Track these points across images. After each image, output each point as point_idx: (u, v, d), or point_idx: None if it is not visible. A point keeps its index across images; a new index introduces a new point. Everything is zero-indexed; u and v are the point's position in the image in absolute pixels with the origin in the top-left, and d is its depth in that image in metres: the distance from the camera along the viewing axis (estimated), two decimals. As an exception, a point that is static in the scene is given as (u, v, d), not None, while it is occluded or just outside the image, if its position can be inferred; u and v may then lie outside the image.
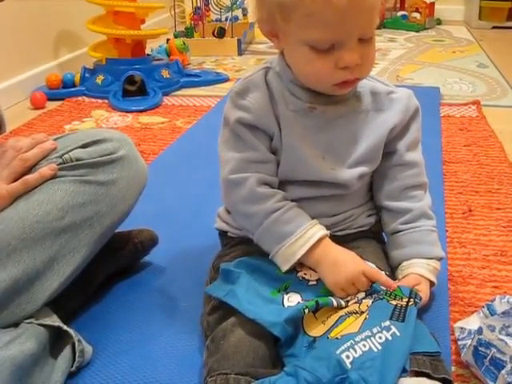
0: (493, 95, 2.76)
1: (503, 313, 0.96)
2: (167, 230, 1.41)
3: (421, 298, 1.00)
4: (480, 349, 0.95)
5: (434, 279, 1.12)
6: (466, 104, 2.57)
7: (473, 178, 1.81)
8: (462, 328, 1.06)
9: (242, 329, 0.94)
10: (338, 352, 0.87)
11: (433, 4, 4.44)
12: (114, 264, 1.26)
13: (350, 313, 0.96)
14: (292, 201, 1.09)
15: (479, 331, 0.96)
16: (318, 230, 1.05)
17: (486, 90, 2.85)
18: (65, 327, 1.03)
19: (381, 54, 3.61)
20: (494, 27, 4.45)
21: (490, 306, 1.03)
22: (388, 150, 1.14)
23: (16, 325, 1.01)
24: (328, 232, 1.06)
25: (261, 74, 1.10)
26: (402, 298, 0.98)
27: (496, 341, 0.93)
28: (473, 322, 1.05)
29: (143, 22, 2.92)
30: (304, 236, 1.04)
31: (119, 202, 1.12)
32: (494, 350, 0.93)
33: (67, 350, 1.02)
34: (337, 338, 0.91)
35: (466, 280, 1.28)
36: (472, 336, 1.00)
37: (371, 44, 1.01)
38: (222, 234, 1.22)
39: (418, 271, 1.10)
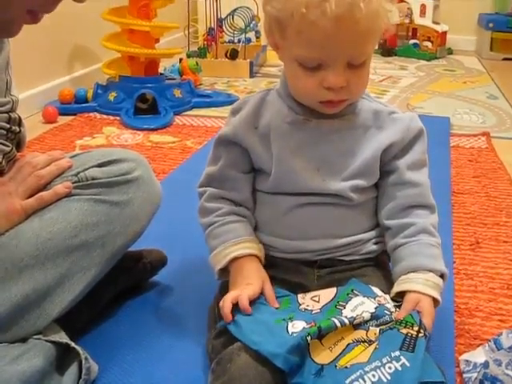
0: (502, 127, 2.77)
1: (510, 347, 0.97)
2: (176, 250, 1.41)
3: (428, 330, 0.98)
4: (486, 383, 0.95)
5: (435, 295, 1.04)
6: (475, 135, 2.57)
7: (481, 210, 1.81)
8: (467, 361, 1.06)
9: (248, 353, 0.94)
10: (347, 382, 0.87)
11: (444, 33, 4.46)
12: (123, 283, 1.27)
13: (358, 341, 0.95)
14: (288, 209, 1.12)
15: (485, 365, 0.97)
16: (237, 249, 1.10)
17: (495, 121, 2.86)
18: (73, 344, 1.03)
19: (391, 81, 3.62)
20: (504, 59, 4.47)
21: (496, 340, 1.03)
22: (389, 168, 1.14)
23: (24, 340, 1.01)
24: (251, 251, 1.10)
25: (259, 95, 1.16)
26: (412, 326, 0.96)
27: (502, 375, 0.93)
28: (479, 355, 1.05)
29: (157, 41, 2.95)
30: (222, 253, 1.11)
31: (132, 222, 1.13)
32: (499, 384, 0.93)
33: (74, 367, 1.02)
34: (346, 367, 0.90)
35: (472, 312, 1.28)
36: (478, 369, 1.00)
37: (363, 69, 1.03)
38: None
39: (414, 288, 1.04)
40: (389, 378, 0.87)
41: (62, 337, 1.05)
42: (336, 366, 0.91)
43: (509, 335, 1.02)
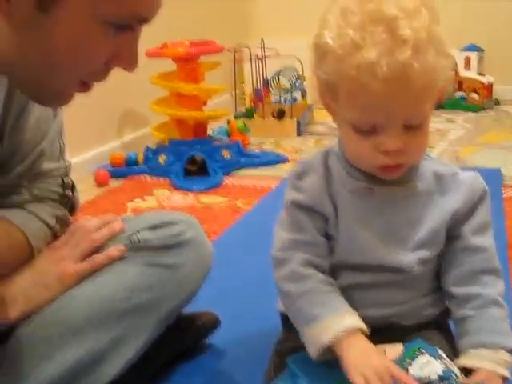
0: (556, 177, 2.72)
1: None
2: (229, 312, 1.40)
3: None
4: None
5: (506, 373, 1.02)
6: (528, 186, 2.53)
7: (539, 264, 1.77)
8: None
9: None
10: None
11: (490, 85, 4.43)
12: (176, 345, 1.26)
13: None
14: (349, 286, 1.08)
15: None
16: (351, 320, 1.00)
17: (548, 171, 2.81)
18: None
19: (440, 134, 3.60)
20: (554, 107, 4.41)
21: None
22: (453, 233, 1.09)
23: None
24: (360, 325, 1.00)
25: (320, 157, 1.10)
26: None
27: None
28: None
29: (205, 103, 2.99)
30: (334, 321, 1.00)
31: (185, 284, 1.13)
32: None
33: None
34: None
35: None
36: None
37: (421, 130, 0.98)
38: (284, 316, 1.20)
39: (484, 365, 1.01)
40: None
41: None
42: None
43: None
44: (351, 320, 1.00)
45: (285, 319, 1.19)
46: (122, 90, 2.87)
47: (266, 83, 3.94)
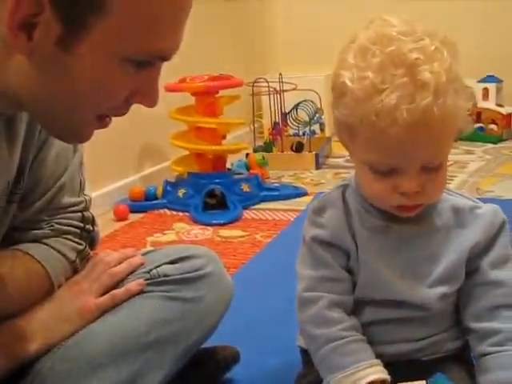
0: None
1: None
2: (248, 346, 1.39)
3: None
4: None
5: None
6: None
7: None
8: None
9: None
10: None
11: (509, 115, 4.42)
12: (195, 380, 1.25)
13: None
14: (370, 323, 1.07)
15: None
16: (371, 373, 1.00)
17: None
18: None
19: (459, 166, 3.59)
20: None
21: None
22: (471, 268, 1.08)
23: None
24: (383, 377, 1.00)
25: (338, 192, 1.10)
26: None
27: None
28: None
29: (224, 137, 3.01)
30: (356, 374, 0.99)
31: (205, 318, 1.13)
32: None
33: None
34: None
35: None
36: None
37: (438, 172, 0.98)
38: (303, 351, 1.19)
39: None
40: None
41: None
42: None
43: None
44: (373, 371, 1.00)
45: (305, 354, 1.19)
46: (141, 125, 2.90)
47: (285, 117, 3.96)
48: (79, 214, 1.13)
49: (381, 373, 1.01)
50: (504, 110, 4.36)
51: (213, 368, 1.29)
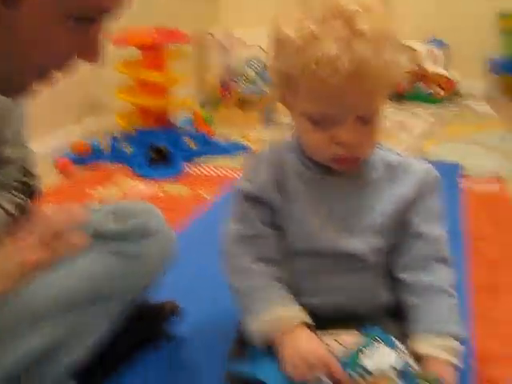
0: (515, 171, 2.76)
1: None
2: (190, 302, 1.40)
3: None
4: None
5: (451, 359, 1.03)
6: (488, 180, 2.57)
7: (498, 255, 1.80)
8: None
9: None
10: None
11: (455, 79, 4.48)
12: (138, 334, 1.26)
13: None
14: (303, 274, 1.10)
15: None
16: (293, 316, 1.04)
17: (508, 165, 2.85)
18: (88, 398, 1.03)
19: (402, 127, 3.64)
20: (515, 103, 4.48)
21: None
22: (403, 221, 1.11)
23: (38, 394, 1.01)
24: (304, 320, 1.04)
25: (273, 148, 1.13)
26: None
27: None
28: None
29: (170, 92, 2.98)
30: (277, 318, 1.03)
31: (148, 274, 1.13)
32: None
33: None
34: None
35: (491, 358, 1.26)
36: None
37: (373, 124, 1.01)
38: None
39: (432, 352, 1.04)
40: None
41: (77, 390, 1.04)
42: None
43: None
44: (291, 315, 1.04)
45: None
46: (86, 77, 2.85)
47: (232, 73, 3.93)
48: (20, 166, 1.12)
49: (302, 317, 1.04)
50: (450, 74, 4.42)
51: (155, 322, 1.30)
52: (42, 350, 1.01)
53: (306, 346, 1.01)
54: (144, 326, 1.28)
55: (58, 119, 2.95)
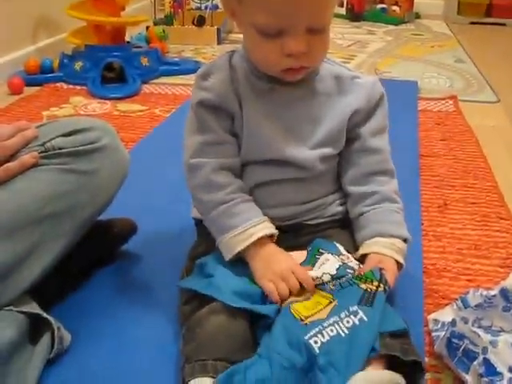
0: (469, 90, 2.79)
1: (476, 305, 0.98)
2: (145, 219, 1.40)
3: (388, 284, 1.00)
4: (453, 340, 0.97)
5: (398, 258, 1.09)
6: (443, 98, 2.59)
7: (449, 173, 1.83)
8: (435, 320, 1.08)
9: (217, 316, 0.95)
10: (306, 337, 0.89)
11: (412, -3, 4.47)
12: (93, 252, 1.26)
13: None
14: (256, 185, 1.11)
15: (453, 323, 0.98)
16: (261, 229, 1.05)
17: (463, 85, 2.88)
18: (44, 314, 1.03)
19: (359, 46, 3.63)
20: (472, 23, 4.49)
21: (463, 298, 1.05)
22: (351, 135, 1.14)
23: (-5, 312, 1.01)
24: (272, 231, 1.06)
25: (225, 57, 1.12)
26: (372, 281, 0.99)
27: (469, 333, 0.95)
28: (447, 315, 1.07)
29: (123, 9, 2.91)
30: (245, 232, 1.05)
31: (101, 191, 1.12)
32: (466, 341, 0.95)
33: (46, 337, 1.02)
34: (306, 324, 0.92)
35: (440, 273, 1.30)
36: (446, 328, 1.02)
37: (323, 34, 1.01)
38: (198, 222, 1.23)
39: (377, 250, 1.08)
40: (346, 332, 0.90)
41: (34, 307, 1.04)
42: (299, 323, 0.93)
43: (475, 293, 1.04)
44: (261, 227, 1.05)
45: (198, 225, 1.22)
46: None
47: (187, -11, 3.85)
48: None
49: (269, 228, 1.06)
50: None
51: (110, 239, 1.30)
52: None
53: (282, 261, 1.03)
54: (99, 244, 1.28)
55: (10, 39, 2.86)
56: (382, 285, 0.98)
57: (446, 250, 1.40)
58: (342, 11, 4.57)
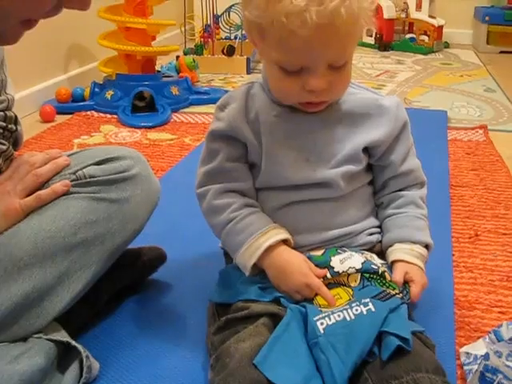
0: (500, 120, 2.77)
1: (510, 339, 0.97)
2: (175, 248, 1.41)
3: (409, 297, 1.03)
4: (487, 374, 0.96)
5: (419, 264, 1.09)
6: (473, 128, 2.58)
7: (479, 203, 1.81)
8: (468, 353, 1.06)
9: (246, 345, 0.94)
10: (314, 318, 0.94)
11: (441, 27, 4.46)
12: (122, 280, 1.27)
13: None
14: (278, 207, 1.11)
15: (486, 357, 0.97)
16: (267, 239, 1.05)
17: (493, 114, 2.86)
18: (73, 343, 1.03)
19: (388, 76, 3.63)
20: (501, 52, 4.47)
21: (496, 331, 1.04)
22: (382, 163, 1.15)
23: (25, 339, 1.01)
24: (283, 237, 1.06)
25: (243, 88, 1.14)
26: (394, 289, 1.03)
27: (503, 367, 0.93)
28: (479, 347, 1.05)
29: (154, 38, 2.94)
30: (252, 245, 1.06)
31: (131, 219, 1.12)
32: (500, 376, 0.93)
33: (75, 366, 1.02)
34: (320, 310, 0.97)
35: (472, 305, 1.28)
36: (478, 361, 1.00)
37: (343, 70, 1.01)
38: (225, 251, 1.22)
39: (399, 257, 1.09)
40: (353, 317, 0.94)
41: (63, 335, 1.05)
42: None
43: (509, 326, 1.02)
44: (267, 237, 1.06)
45: (227, 255, 1.22)
46: (68, 24, 2.81)
47: (216, 19, 3.89)
48: (1, 113, 1.10)
49: (277, 235, 1.07)
50: (436, 22, 4.40)
51: (139, 268, 1.30)
52: (27, 298, 1.00)
53: (295, 273, 1.03)
54: (129, 272, 1.28)
55: (43, 68, 2.91)
56: (401, 295, 1.02)
57: (477, 281, 1.38)
58: (371, 41, 4.59)
